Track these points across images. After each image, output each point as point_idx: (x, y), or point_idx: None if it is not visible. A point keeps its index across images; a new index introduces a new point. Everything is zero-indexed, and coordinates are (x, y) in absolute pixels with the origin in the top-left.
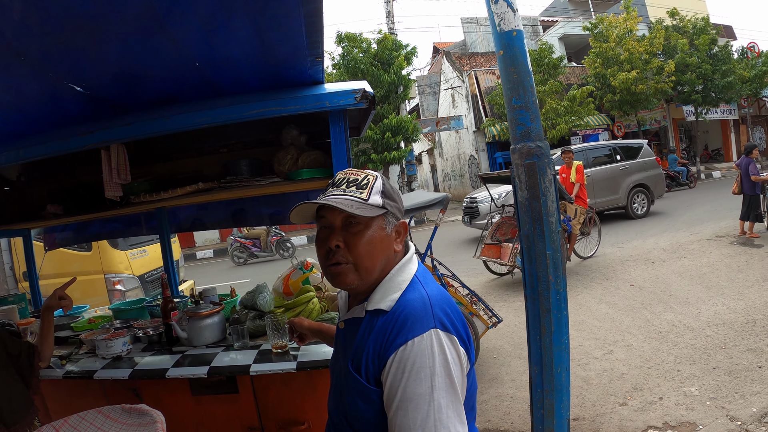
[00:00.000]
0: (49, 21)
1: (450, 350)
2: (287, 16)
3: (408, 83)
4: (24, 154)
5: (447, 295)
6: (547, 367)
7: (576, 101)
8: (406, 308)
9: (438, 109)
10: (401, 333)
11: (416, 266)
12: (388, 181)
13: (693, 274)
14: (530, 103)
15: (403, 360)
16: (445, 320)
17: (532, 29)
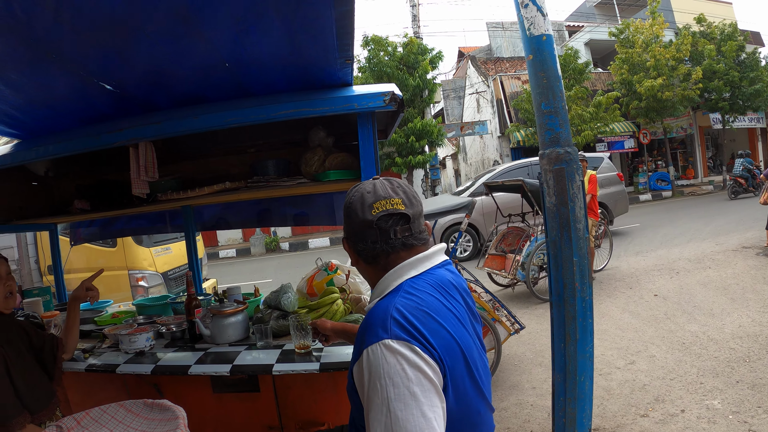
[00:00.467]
0: (80, 20)
1: (407, 360)
2: (318, 18)
3: (433, 87)
4: (53, 150)
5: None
6: (570, 375)
7: (602, 107)
8: (368, 317)
9: (463, 113)
10: (361, 342)
11: (418, 271)
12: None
13: (718, 285)
14: (560, 108)
15: (362, 369)
16: (399, 330)
17: (558, 34)
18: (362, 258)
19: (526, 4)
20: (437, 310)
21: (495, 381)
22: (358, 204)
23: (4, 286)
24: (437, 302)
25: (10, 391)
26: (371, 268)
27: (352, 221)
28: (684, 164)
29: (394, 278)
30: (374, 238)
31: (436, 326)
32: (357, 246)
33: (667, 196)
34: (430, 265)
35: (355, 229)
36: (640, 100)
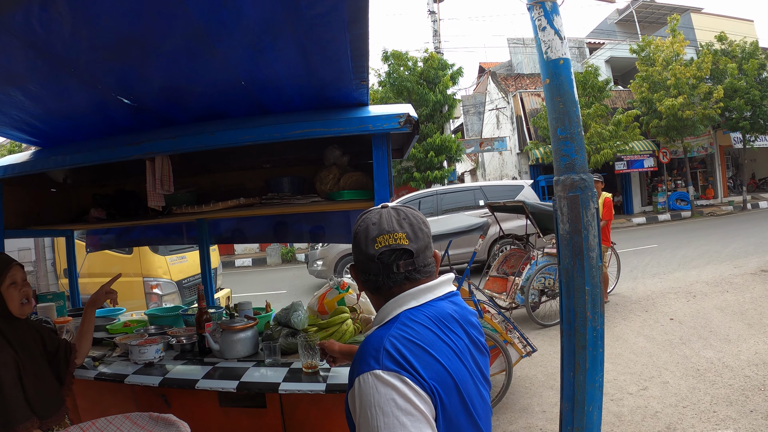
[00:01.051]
0: (98, 36)
1: (397, 390)
2: (333, 41)
3: (453, 103)
4: (71, 160)
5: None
6: (578, 405)
7: (621, 126)
8: (362, 347)
9: (482, 129)
10: (353, 370)
11: (419, 302)
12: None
13: (735, 309)
14: (575, 134)
15: (354, 397)
16: (389, 362)
17: (579, 51)
18: (366, 287)
19: (543, 27)
20: (431, 343)
21: (505, 403)
22: (362, 236)
23: (19, 293)
24: (432, 335)
25: (20, 396)
26: (374, 297)
27: (358, 252)
28: (704, 184)
29: (394, 307)
30: (376, 271)
31: (428, 359)
32: (360, 276)
33: (686, 217)
34: (432, 296)
35: (360, 260)
36: (660, 118)
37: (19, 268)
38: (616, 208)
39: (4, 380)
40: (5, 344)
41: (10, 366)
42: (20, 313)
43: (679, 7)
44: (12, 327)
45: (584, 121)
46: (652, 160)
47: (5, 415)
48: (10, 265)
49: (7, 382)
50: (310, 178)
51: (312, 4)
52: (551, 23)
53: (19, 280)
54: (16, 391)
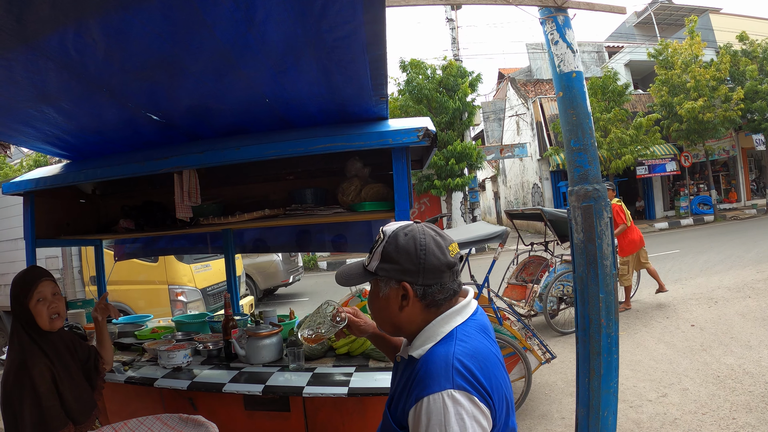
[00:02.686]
0: (129, 59)
1: (466, 411)
2: (353, 61)
3: (472, 110)
4: (101, 173)
5: (483, 352)
6: (594, 410)
7: (642, 130)
8: (428, 363)
9: (502, 135)
10: (419, 388)
11: (463, 318)
12: (405, 239)
13: (757, 315)
14: (589, 145)
15: (420, 416)
16: (462, 381)
17: (598, 56)
18: (424, 301)
19: (556, 41)
20: (488, 357)
21: (524, 410)
22: (434, 246)
23: (48, 309)
24: (487, 349)
25: (57, 405)
26: (424, 312)
27: (428, 262)
28: (726, 187)
29: (443, 324)
30: (448, 279)
31: (490, 374)
32: (430, 287)
33: (709, 221)
34: (471, 311)
35: (432, 270)
36: (681, 122)
37: (49, 283)
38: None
39: (41, 390)
40: (41, 355)
41: (46, 376)
42: (50, 327)
43: (697, 7)
44: (45, 339)
45: (604, 126)
46: (674, 164)
47: (43, 424)
48: (38, 281)
49: (44, 392)
50: (332, 190)
51: (332, 28)
52: (563, 37)
53: (49, 296)
54: (53, 400)
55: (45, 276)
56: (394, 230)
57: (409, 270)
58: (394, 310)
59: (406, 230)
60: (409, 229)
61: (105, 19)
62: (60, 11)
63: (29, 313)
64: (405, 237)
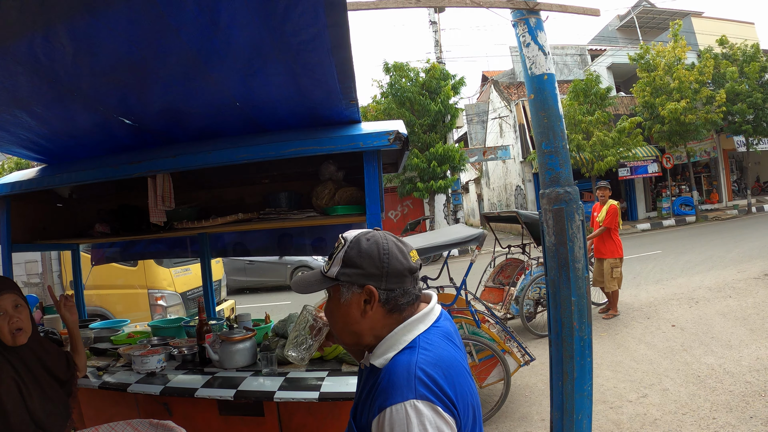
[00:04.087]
0: (98, 63)
1: (429, 421)
2: (319, 65)
3: (455, 112)
4: (75, 177)
5: (447, 360)
6: (567, 414)
7: (624, 132)
8: (390, 373)
9: (486, 138)
10: (381, 398)
11: (426, 325)
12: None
13: (737, 315)
14: (560, 147)
15: (383, 426)
16: (424, 390)
17: (581, 58)
18: (387, 306)
19: (528, 43)
20: (453, 365)
21: (504, 412)
22: (396, 250)
23: (9, 323)
24: (452, 356)
25: (26, 418)
26: (387, 317)
27: (392, 266)
28: (708, 188)
29: (405, 333)
30: (410, 284)
31: (455, 382)
32: (393, 291)
33: (690, 222)
34: (434, 317)
35: (395, 275)
36: (663, 123)
37: (10, 296)
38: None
39: (8, 407)
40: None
41: (12, 391)
42: (12, 342)
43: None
44: (12, 353)
45: (587, 129)
46: (656, 165)
47: None
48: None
49: (11, 409)
50: (307, 193)
51: (296, 32)
52: (535, 39)
53: (9, 309)
54: (22, 414)
55: (5, 289)
56: (356, 236)
57: (372, 274)
58: (356, 317)
59: (367, 236)
60: (370, 235)
61: (72, 24)
62: (28, 16)
63: None
64: (367, 242)
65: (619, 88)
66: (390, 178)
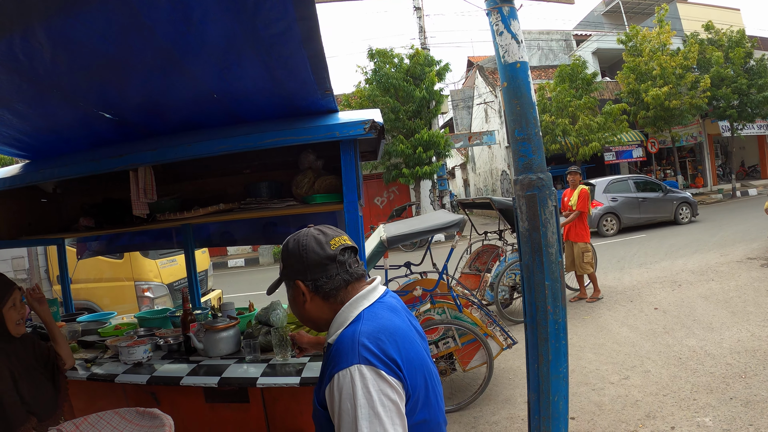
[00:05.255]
0: (76, 60)
1: (374, 382)
2: (292, 57)
3: (440, 98)
4: (59, 172)
5: (389, 328)
6: (544, 395)
7: (611, 117)
8: (338, 344)
9: (471, 123)
10: (331, 366)
11: (370, 302)
12: (291, 244)
13: (719, 298)
14: (533, 135)
15: (333, 392)
16: (368, 355)
17: (566, 44)
18: (320, 294)
19: (501, 32)
20: (396, 332)
21: (488, 394)
22: (314, 243)
23: (17, 313)
24: (395, 325)
25: (17, 402)
26: (327, 303)
27: (309, 259)
28: (693, 173)
29: (351, 310)
30: (336, 270)
31: (399, 347)
32: (318, 281)
33: None
34: (378, 295)
35: (315, 266)
36: (648, 109)
37: (17, 290)
38: None
39: (1, 389)
40: (3, 358)
41: (5, 376)
42: (15, 332)
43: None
44: (9, 343)
45: (573, 113)
46: (641, 150)
47: (5, 419)
48: (13, 287)
49: (3, 390)
50: (287, 182)
51: (267, 25)
52: (508, 28)
53: (18, 302)
54: (13, 398)
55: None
56: (288, 237)
57: (298, 269)
58: (300, 306)
59: (295, 236)
60: (297, 234)
61: (50, 24)
62: (5, 18)
63: (1, 317)
64: (293, 241)
65: (605, 74)
66: (375, 165)
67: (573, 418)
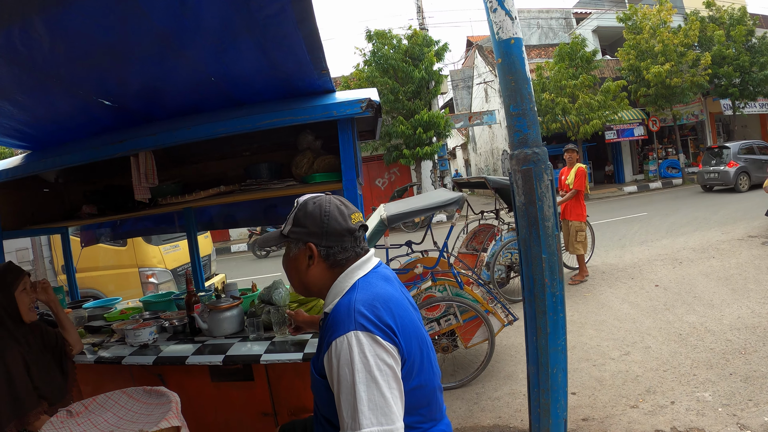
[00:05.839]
0: (74, 50)
1: (370, 348)
2: (287, 38)
3: (439, 79)
4: (60, 161)
5: (383, 296)
6: (543, 367)
7: (610, 95)
8: (335, 313)
9: (471, 103)
10: (328, 335)
11: (364, 272)
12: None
13: (720, 275)
14: (528, 110)
15: (331, 358)
16: (365, 321)
17: (566, 22)
18: (329, 261)
19: (494, 8)
20: (390, 299)
21: (490, 371)
22: (337, 213)
23: (30, 298)
24: (389, 293)
25: (29, 386)
26: (330, 272)
27: (330, 227)
28: (695, 151)
29: (346, 280)
30: (350, 244)
31: (394, 314)
32: (331, 249)
33: (677, 184)
34: (372, 265)
35: (333, 234)
36: (649, 87)
37: (28, 278)
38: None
39: (12, 370)
40: (14, 344)
41: (18, 361)
42: (28, 318)
43: None
44: (21, 329)
45: (572, 92)
46: (642, 128)
47: (17, 403)
48: (24, 273)
49: (16, 375)
50: (287, 164)
51: (261, 7)
52: (502, 4)
53: (29, 288)
54: (25, 382)
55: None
56: (306, 199)
57: (314, 233)
58: (302, 269)
59: (315, 199)
60: (317, 198)
61: (47, 15)
62: (4, 10)
63: (14, 301)
64: (313, 205)
65: (605, 52)
66: (376, 146)
67: (574, 393)
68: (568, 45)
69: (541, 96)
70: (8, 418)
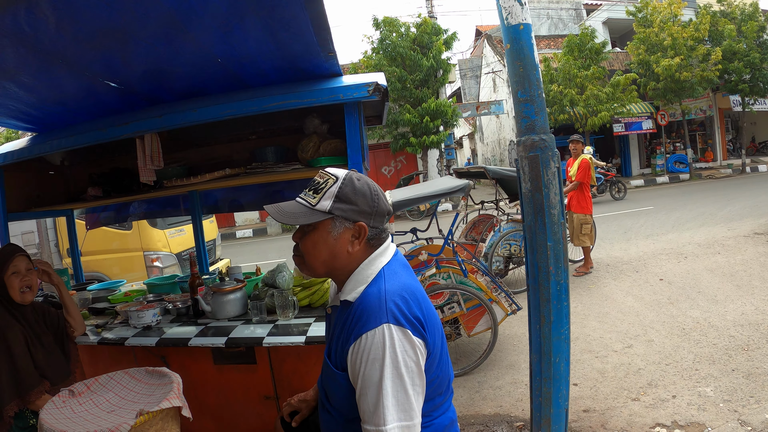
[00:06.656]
0: (80, 30)
1: (400, 343)
2: (294, 18)
3: (447, 67)
4: (65, 143)
5: (410, 287)
6: (545, 356)
7: (619, 88)
8: (363, 302)
9: (479, 93)
10: (358, 326)
11: (387, 259)
12: (360, 183)
13: (725, 271)
14: (536, 96)
15: (360, 351)
16: (398, 314)
17: (576, 13)
18: (371, 242)
19: None
20: (416, 291)
21: (493, 359)
22: (381, 194)
23: (21, 281)
24: (415, 283)
25: (30, 366)
26: (366, 249)
27: (380, 207)
28: (703, 147)
29: (369, 267)
30: (385, 225)
31: (421, 306)
32: (377, 229)
33: (684, 179)
34: (392, 251)
35: (381, 215)
36: (658, 80)
37: (24, 258)
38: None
39: (15, 350)
40: (15, 323)
41: (20, 340)
42: (21, 300)
43: None
44: (19, 310)
45: (581, 84)
46: (651, 122)
47: (19, 382)
48: (14, 255)
49: (18, 353)
50: (293, 148)
51: None
52: None
53: (23, 270)
54: (27, 361)
55: (20, 252)
56: (348, 174)
57: (364, 211)
58: (341, 250)
59: (357, 176)
60: (359, 175)
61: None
62: None
63: (3, 284)
64: (359, 182)
65: (615, 44)
66: (383, 134)
67: (576, 384)
68: (577, 36)
69: (549, 87)
70: (10, 396)
